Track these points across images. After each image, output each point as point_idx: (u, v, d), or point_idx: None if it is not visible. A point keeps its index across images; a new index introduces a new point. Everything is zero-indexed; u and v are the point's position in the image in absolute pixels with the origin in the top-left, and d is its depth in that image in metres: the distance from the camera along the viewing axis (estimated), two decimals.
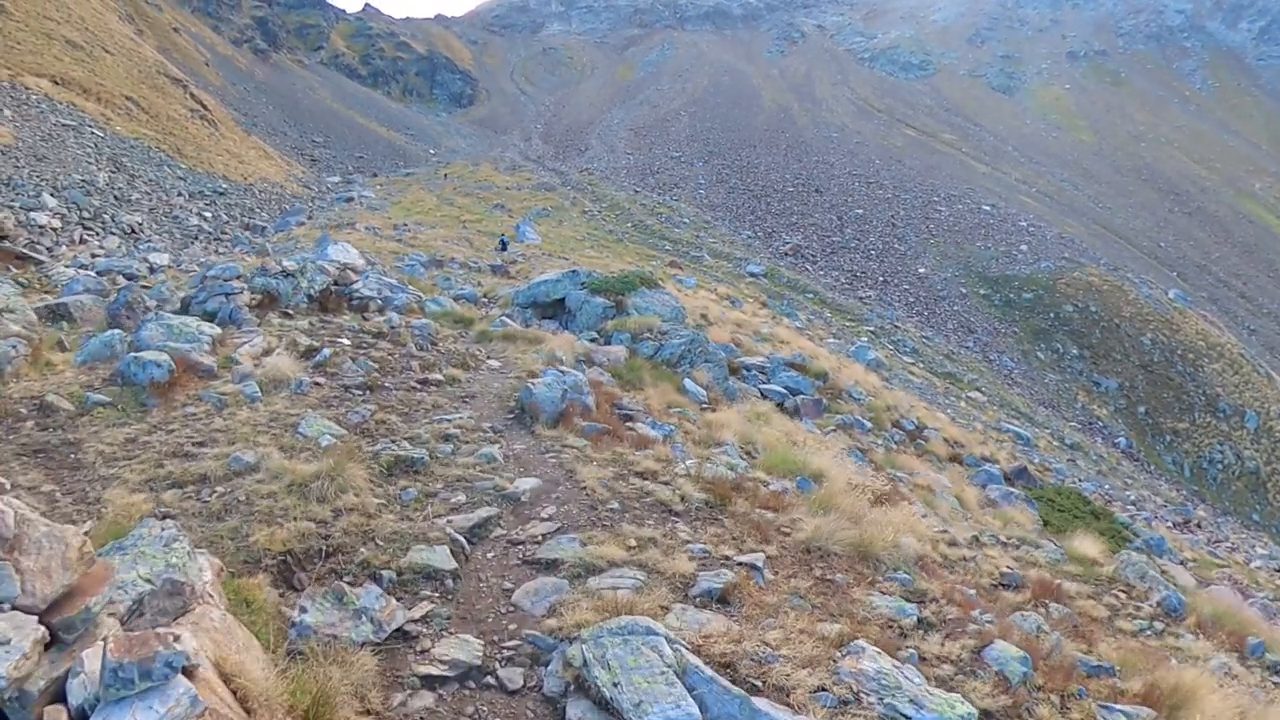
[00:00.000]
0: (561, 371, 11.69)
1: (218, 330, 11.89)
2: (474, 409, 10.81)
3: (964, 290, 67.27)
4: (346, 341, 13.11)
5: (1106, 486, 36.76)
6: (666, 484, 8.67)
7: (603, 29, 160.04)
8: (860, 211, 77.37)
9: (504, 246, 44.98)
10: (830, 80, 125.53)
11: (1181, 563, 18.95)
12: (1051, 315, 65.14)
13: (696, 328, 25.38)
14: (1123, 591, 11.02)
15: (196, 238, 39.17)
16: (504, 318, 20.36)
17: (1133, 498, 36.77)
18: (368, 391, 10.82)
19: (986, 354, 60.49)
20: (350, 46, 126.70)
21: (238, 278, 14.62)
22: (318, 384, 10.69)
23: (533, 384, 10.60)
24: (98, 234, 34.03)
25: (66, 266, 23.14)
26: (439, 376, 12.05)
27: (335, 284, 16.50)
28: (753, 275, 58.90)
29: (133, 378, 9.84)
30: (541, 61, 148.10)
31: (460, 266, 35.39)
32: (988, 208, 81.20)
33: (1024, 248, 73.83)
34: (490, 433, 9.83)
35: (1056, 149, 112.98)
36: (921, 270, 68.99)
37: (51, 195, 35.25)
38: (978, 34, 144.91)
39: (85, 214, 35.27)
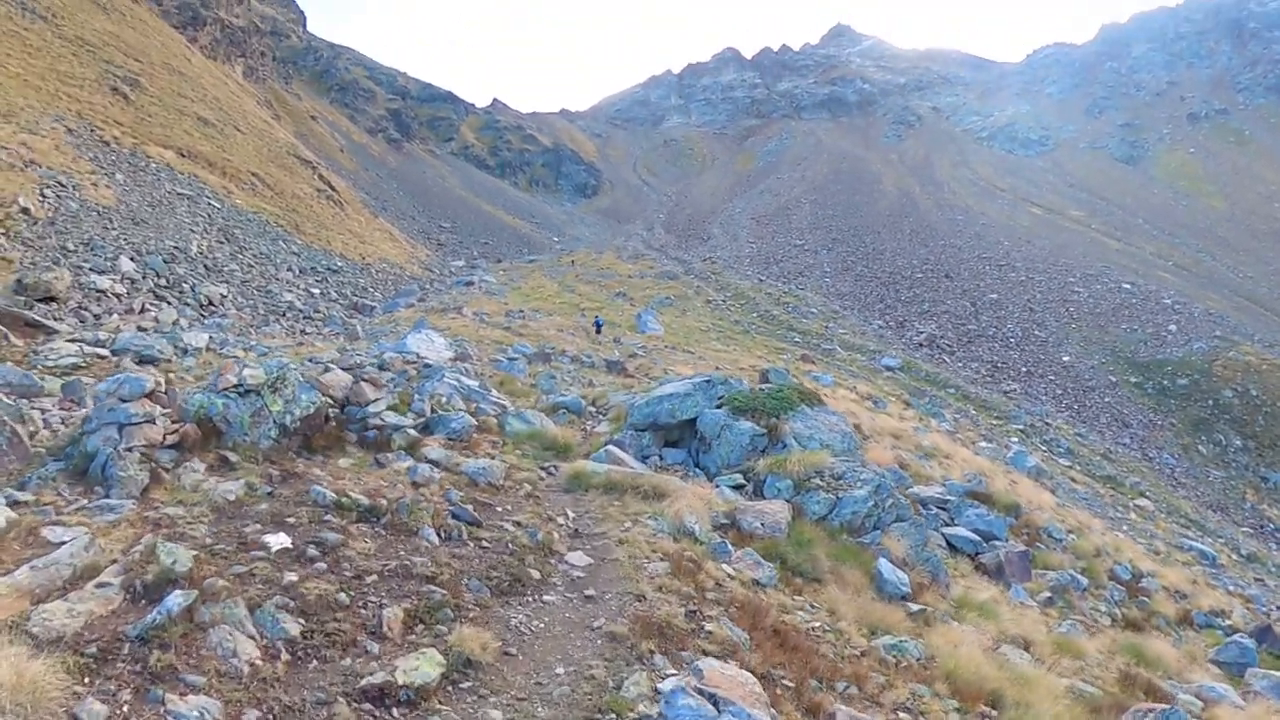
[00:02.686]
0: (703, 695, 4.32)
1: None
2: None
3: (1113, 379, 58.85)
4: (282, 540, 6.21)
5: None
6: None
7: (721, 120, 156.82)
8: (994, 296, 68.98)
9: (599, 328, 39.01)
10: (950, 161, 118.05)
11: None
12: (1210, 402, 56.15)
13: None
14: None
15: (284, 314, 33.89)
16: (611, 445, 13.96)
17: None
18: None
19: (1145, 450, 52.25)
20: (479, 138, 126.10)
21: (146, 396, 8.01)
22: None
23: None
24: (169, 304, 29.13)
25: (69, 341, 17.54)
26: (426, 675, 4.79)
27: (345, 404, 9.78)
28: (889, 369, 51.43)
29: None
30: (663, 153, 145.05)
31: (571, 361, 29.40)
32: (1127, 286, 72.11)
33: (1172, 327, 64.81)
34: None
35: (1188, 218, 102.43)
36: (1066, 358, 60.58)
37: (131, 260, 31.14)
38: (1095, 104, 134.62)
39: (162, 282, 30.95)
